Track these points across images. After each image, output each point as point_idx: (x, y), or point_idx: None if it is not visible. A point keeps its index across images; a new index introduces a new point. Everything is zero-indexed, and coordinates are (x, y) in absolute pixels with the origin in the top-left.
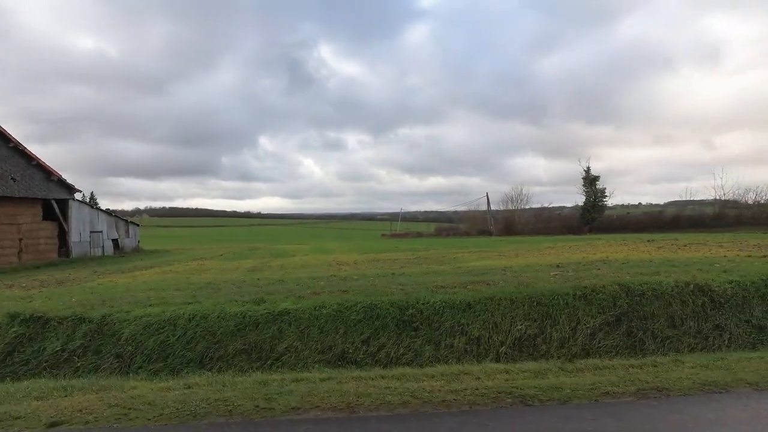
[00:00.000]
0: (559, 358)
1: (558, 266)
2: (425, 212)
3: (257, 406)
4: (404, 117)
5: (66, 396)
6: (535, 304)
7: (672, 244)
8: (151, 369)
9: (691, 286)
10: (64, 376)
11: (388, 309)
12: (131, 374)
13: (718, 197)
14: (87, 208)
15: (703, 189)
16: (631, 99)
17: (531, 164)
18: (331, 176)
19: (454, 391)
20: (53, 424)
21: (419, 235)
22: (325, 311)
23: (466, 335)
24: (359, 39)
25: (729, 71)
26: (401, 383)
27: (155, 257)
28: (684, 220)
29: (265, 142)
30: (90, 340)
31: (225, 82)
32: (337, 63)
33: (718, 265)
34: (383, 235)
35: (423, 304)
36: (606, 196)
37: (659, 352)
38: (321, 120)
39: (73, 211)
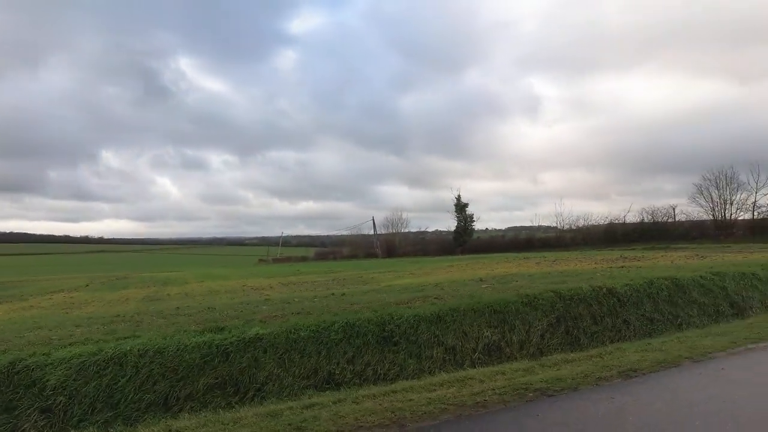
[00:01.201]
0: (521, 359)
1: (481, 280)
2: (297, 236)
3: None
4: (273, 140)
5: None
6: (494, 312)
7: (545, 261)
8: (97, 421)
9: (604, 290)
10: None
11: (367, 326)
12: (71, 431)
13: (558, 223)
14: None
15: (547, 216)
16: (477, 138)
17: (396, 192)
18: (192, 198)
19: (477, 394)
20: None
21: (304, 259)
22: (303, 334)
23: (442, 346)
24: (224, 57)
25: (545, 122)
26: (421, 395)
27: None
28: (535, 241)
29: (108, 156)
30: None
31: (55, 85)
32: (198, 78)
33: (599, 274)
34: (261, 260)
35: (397, 319)
36: (474, 221)
37: (591, 346)
38: (180, 137)
39: None
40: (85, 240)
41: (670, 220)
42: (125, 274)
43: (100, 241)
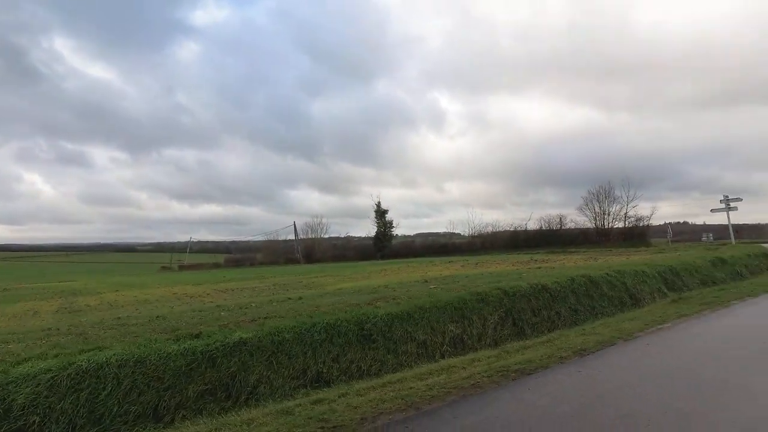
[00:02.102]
0: (481, 349)
1: (426, 281)
2: (200, 242)
3: (324, 427)
4: (171, 137)
5: None
6: (454, 309)
7: (469, 264)
8: None
9: (539, 287)
10: None
11: (347, 326)
12: None
13: (469, 230)
14: None
15: (451, 223)
16: (387, 147)
17: (308, 197)
18: (71, 198)
19: (467, 378)
20: None
21: (217, 266)
22: (287, 336)
23: (414, 341)
24: (111, 41)
25: (449, 136)
26: (418, 383)
27: None
28: (450, 246)
29: None
30: None
31: None
32: (79, 62)
33: (525, 274)
34: (164, 267)
35: (373, 318)
36: (393, 227)
37: (533, 335)
38: (55, 127)
39: None
40: None
41: (562, 228)
42: (5, 285)
43: None
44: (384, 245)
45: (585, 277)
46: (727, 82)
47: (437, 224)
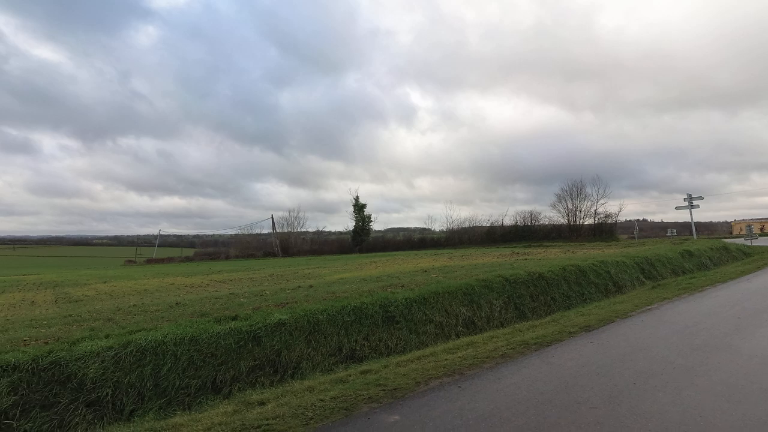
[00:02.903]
0: (490, 330)
1: (425, 271)
2: (162, 236)
3: (383, 391)
4: (127, 125)
5: None
6: (463, 294)
7: (455, 256)
8: (151, 408)
9: (536, 275)
10: None
11: (373, 309)
12: (135, 419)
13: (448, 225)
14: None
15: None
16: (357, 141)
17: (275, 190)
18: (16, 188)
19: (494, 350)
20: None
21: (188, 259)
22: (321, 317)
23: (432, 322)
24: (59, 21)
25: (420, 131)
26: (450, 356)
27: None
28: (428, 241)
29: None
30: (25, 393)
31: None
32: (23, 42)
33: (515, 265)
34: (129, 261)
35: (393, 302)
36: (372, 221)
37: (533, 317)
38: None
39: None
40: None
41: (536, 223)
42: None
43: None
44: (362, 239)
45: (574, 267)
46: (684, 85)
47: (408, 219)
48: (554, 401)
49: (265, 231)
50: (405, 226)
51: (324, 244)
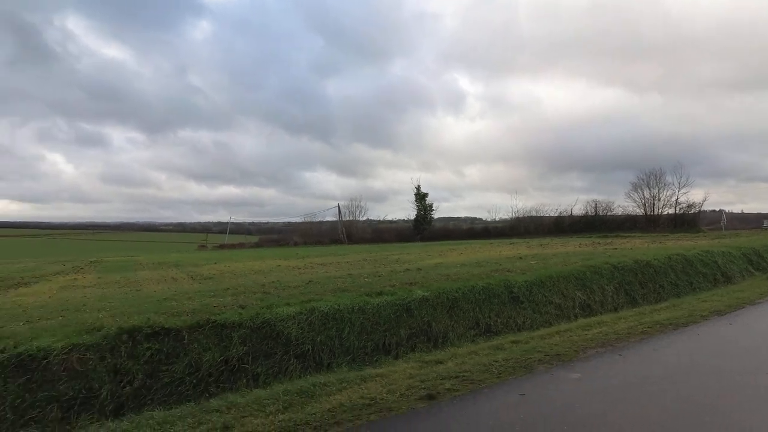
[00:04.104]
0: (605, 314)
1: (520, 258)
2: (219, 223)
3: (547, 356)
4: (186, 118)
5: (363, 382)
6: (576, 279)
7: (534, 245)
8: (341, 363)
9: (643, 262)
10: (252, 384)
11: (500, 289)
12: (334, 370)
13: (514, 214)
14: None
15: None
16: (404, 129)
17: (324, 179)
18: (92, 178)
19: (630, 328)
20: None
21: (258, 245)
22: (457, 295)
23: (552, 304)
24: (123, 20)
25: (469, 117)
26: (586, 332)
27: None
28: (492, 230)
29: None
30: (251, 345)
31: None
32: (93, 41)
33: (608, 254)
34: (201, 246)
35: (515, 283)
36: (433, 210)
37: (644, 303)
38: (71, 108)
39: None
40: None
41: (609, 213)
42: (62, 259)
43: None
44: (424, 228)
45: (680, 256)
46: (764, 63)
47: (457, 208)
48: (716, 370)
49: (327, 219)
50: (455, 215)
51: (384, 232)
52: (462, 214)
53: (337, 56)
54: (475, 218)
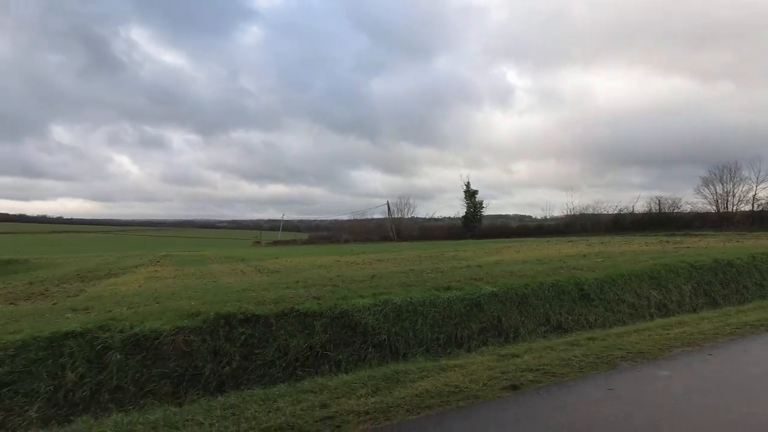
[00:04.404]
0: (682, 314)
1: (584, 256)
2: (271, 220)
3: (629, 353)
4: (238, 119)
5: (442, 371)
6: (649, 278)
7: (594, 243)
8: (416, 353)
9: (725, 261)
10: (335, 370)
11: (569, 287)
12: (410, 359)
13: (569, 211)
14: None
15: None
16: (449, 126)
17: (370, 177)
18: (154, 178)
19: (714, 329)
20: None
21: (309, 241)
22: (526, 291)
23: (625, 302)
24: (180, 28)
25: (517, 112)
26: (667, 331)
27: (51, 269)
28: (545, 228)
29: (59, 131)
30: (332, 333)
31: None
32: (153, 49)
33: (680, 252)
34: (256, 242)
35: (585, 281)
36: (483, 207)
37: (726, 304)
38: (135, 112)
39: None
40: (44, 219)
41: (675, 211)
42: (140, 254)
43: (60, 221)
44: (474, 225)
45: (766, 255)
46: None
47: (505, 206)
48: None
49: (376, 216)
50: (503, 213)
51: (433, 230)
52: (510, 212)
53: (382, 54)
54: (524, 216)
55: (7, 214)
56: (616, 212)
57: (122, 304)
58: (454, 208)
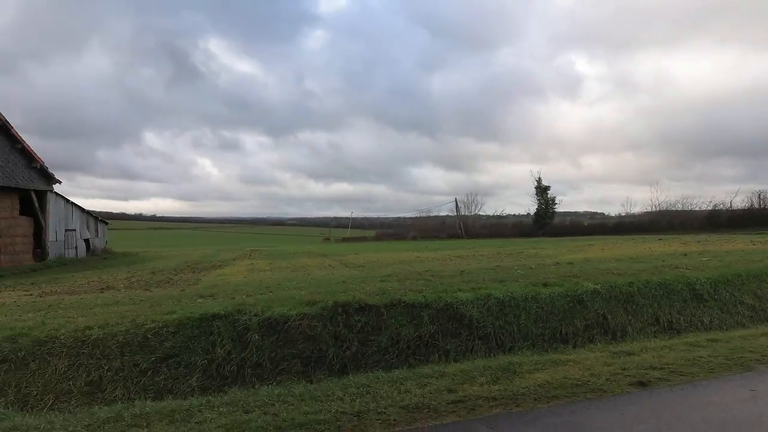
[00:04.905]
0: None
1: (684, 255)
2: (336, 218)
3: (765, 357)
4: (304, 121)
5: (556, 365)
6: (757, 281)
7: (688, 242)
8: (521, 347)
9: None
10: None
11: (680, 286)
12: (516, 353)
13: (654, 207)
14: (62, 203)
15: (641, 200)
16: (512, 120)
17: (431, 175)
18: (231, 179)
19: None
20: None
21: (377, 238)
22: (631, 289)
23: (743, 304)
24: (252, 37)
25: (587, 103)
26: None
27: (161, 260)
28: (626, 225)
29: (150, 137)
30: (438, 324)
31: (95, 67)
32: (227, 59)
33: None
34: (326, 239)
35: (696, 280)
36: (556, 204)
37: None
38: (214, 118)
39: (51, 205)
40: (140, 217)
41: None
42: (229, 248)
43: (154, 218)
44: (546, 222)
45: None
46: None
47: (575, 203)
48: None
49: (442, 213)
50: (571, 210)
51: (502, 227)
52: (580, 209)
53: (442, 50)
54: (595, 213)
55: (111, 213)
56: (710, 208)
57: (240, 292)
58: (516, 206)
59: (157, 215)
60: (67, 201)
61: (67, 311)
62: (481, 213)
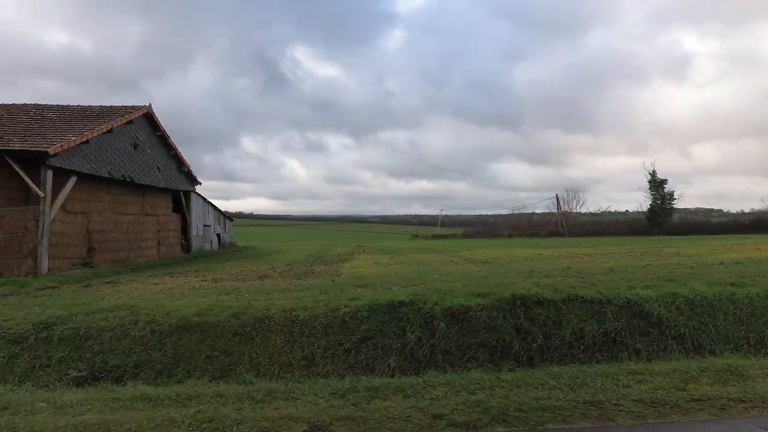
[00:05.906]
0: None
1: None
2: (418, 215)
3: None
4: (384, 121)
5: None
6: None
7: None
8: (723, 350)
9: None
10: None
11: None
12: (716, 355)
13: None
14: (201, 201)
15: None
16: (605, 108)
17: (514, 170)
18: (317, 178)
19: None
20: None
21: (467, 236)
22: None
23: None
24: (334, 43)
25: (697, 84)
26: None
27: (282, 254)
28: (766, 223)
29: (246, 142)
30: (625, 321)
31: (200, 80)
32: (311, 64)
33: None
34: (414, 236)
35: None
36: (674, 199)
37: None
38: (300, 121)
39: (193, 203)
40: (240, 215)
41: None
42: (335, 244)
43: (251, 216)
44: (662, 220)
45: None
46: None
47: (683, 198)
48: None
49: (539, 211)
50: (680, 206)
51: (607, 225)
52: (691, 204)
53: (524, 39)
54: (711, 209)
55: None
56: None
57: (390, 283)
58: (614, 202)
59: (254, 213)
60: (205, 200)
61: (253, 295)
62: (582, 210)
